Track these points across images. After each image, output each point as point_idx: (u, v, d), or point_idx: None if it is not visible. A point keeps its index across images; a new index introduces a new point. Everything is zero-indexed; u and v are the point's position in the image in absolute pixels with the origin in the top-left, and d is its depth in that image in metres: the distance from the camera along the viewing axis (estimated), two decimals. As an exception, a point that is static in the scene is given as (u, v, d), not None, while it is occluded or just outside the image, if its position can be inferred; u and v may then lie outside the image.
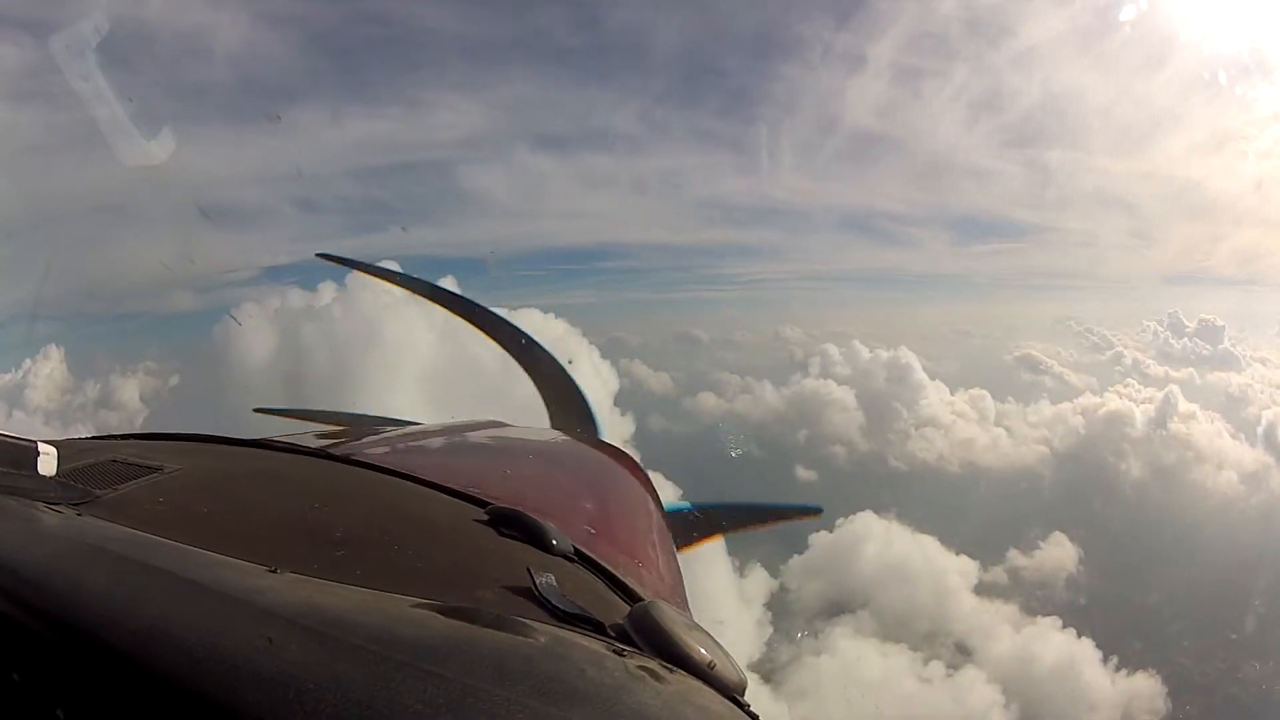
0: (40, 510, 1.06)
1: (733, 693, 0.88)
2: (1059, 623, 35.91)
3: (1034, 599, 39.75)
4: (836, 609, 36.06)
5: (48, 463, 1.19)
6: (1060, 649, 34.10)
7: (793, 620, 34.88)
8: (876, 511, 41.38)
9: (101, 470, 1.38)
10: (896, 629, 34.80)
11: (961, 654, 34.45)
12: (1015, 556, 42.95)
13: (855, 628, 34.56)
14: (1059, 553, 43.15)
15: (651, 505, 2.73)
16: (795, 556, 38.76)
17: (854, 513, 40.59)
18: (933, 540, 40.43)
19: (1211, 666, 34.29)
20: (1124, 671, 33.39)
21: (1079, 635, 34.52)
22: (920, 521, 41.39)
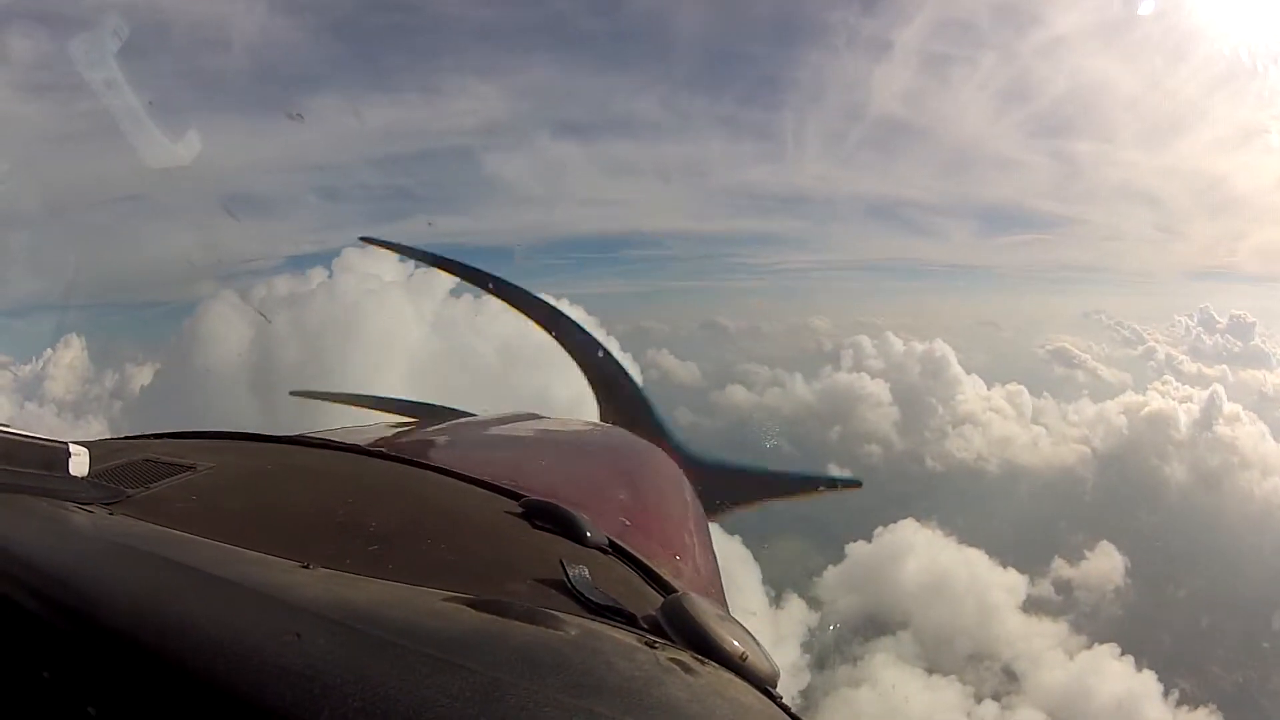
0: (71, 510, 1.07)
1: (765, 684, 0.87)
2: (1114, 649, 33.29)
3: (1083, 616, 37.24)
4: (875, 628, 33.59)
5: (79, 463, 1.18)
6: (1116, 678, 31.49)
7: (831, 654, 32.19)
8: (917, 519, 38.79)
9: (133, 469, 1.39)
10: (940, 653, 32.42)
11: (1009, 679, 31.98)
12: (1061, 566, 40.50)
13: (896, 652, 32.08)
14: (1105, 563, 40.46)
15: (688, 496, 2.69)
16: (830, 568, 36.26)
17: (892, 521, 38.06)
18: (976, 550, 37.90)
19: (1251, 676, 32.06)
20: (1185, 708, 30.71)
21: (1138, 667, 31.93)
22: (961, 530, 38.97)
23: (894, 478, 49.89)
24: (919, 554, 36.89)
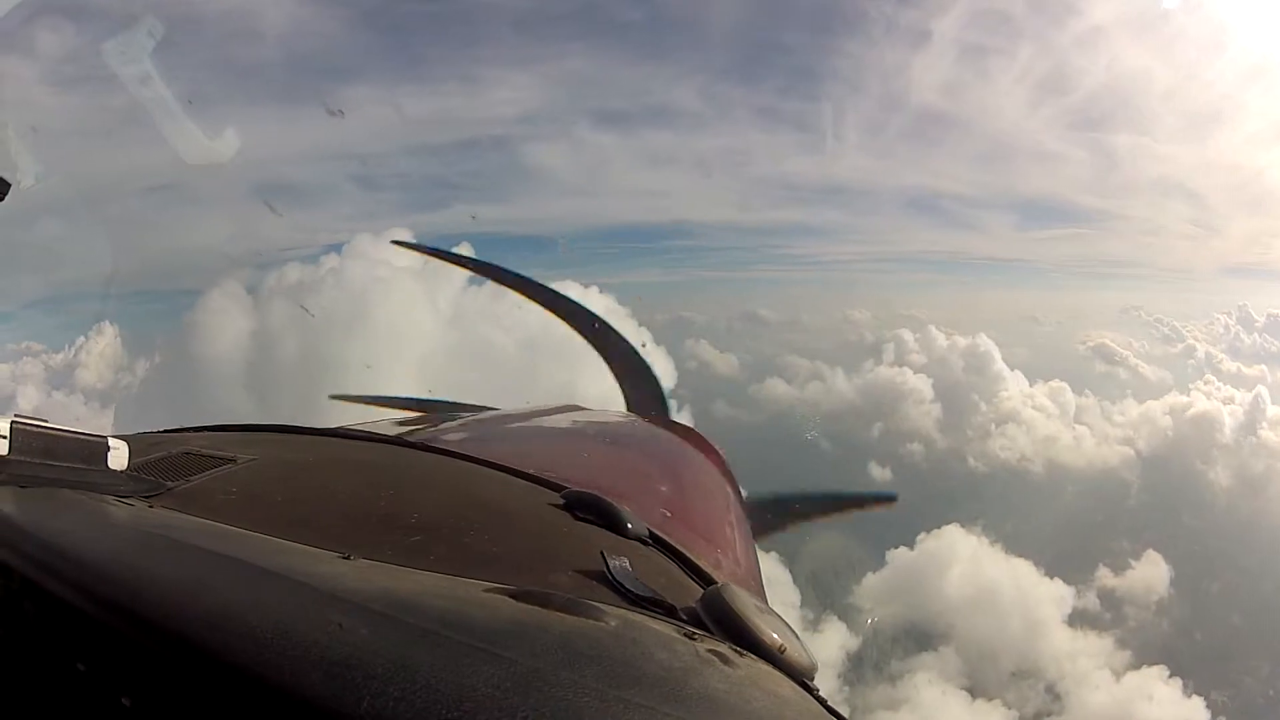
0: (110, 503, 1.09)
1: (802, 677, 0.89)
2: (1156, 665, 32.15)
3: (1128, 631, 36.00)
4: (916, 642, 32.57)
5: (118, 457, 1.19)
6: (1162, 702, 30.36)
7: (870, 672, 30.97)
8: (961, 524, 37.58)
9: (174, 462, 1.38)
10: (983, 669, 31.39)
11: (1053, 698, 31.06)
12: (1105, 575, 39.18)
13: (939, 669, 31.09)
14: (1151, 572, 39.18)
15: (729, 489, 2.68)
16: (870, 575, 35.19)
17: (936, 526, 36.91)
18: (1020, 558, 36.77)
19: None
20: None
21: (1185, 689, 30.75)
22: (1006, 535, 37.79)
23: (937, 478, 48.75)
24: (962, 561, 35.89)
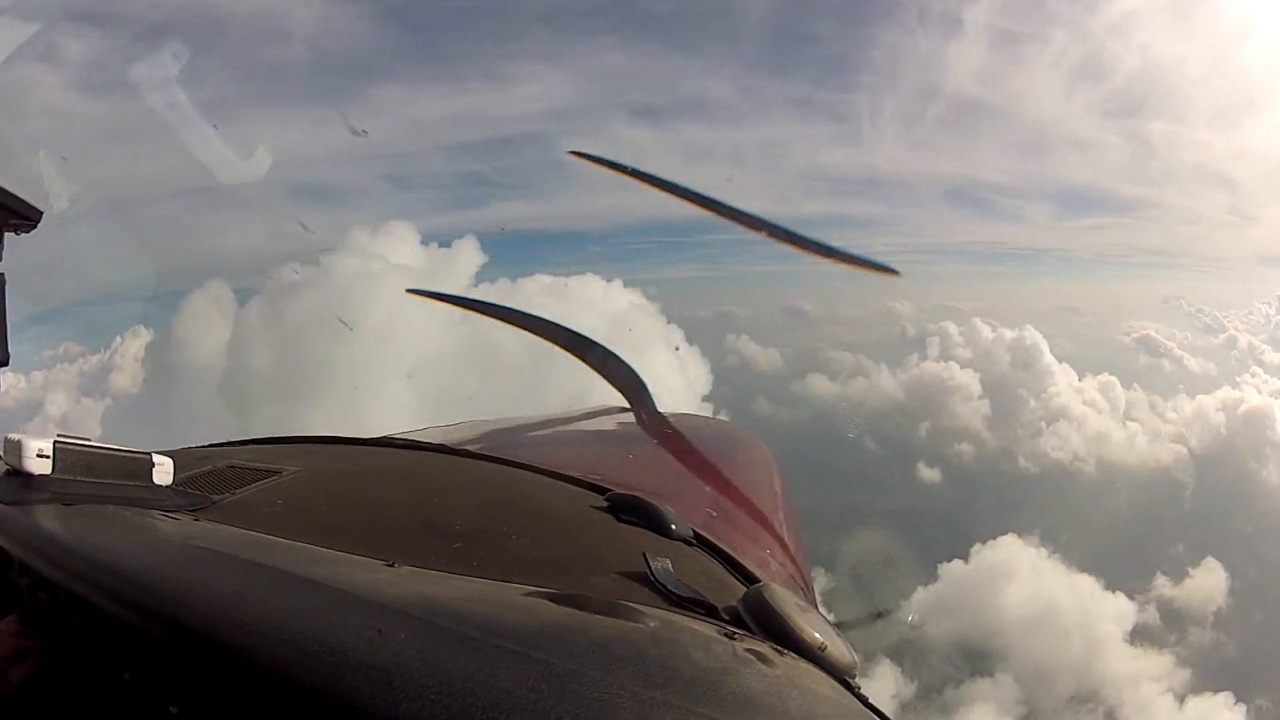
0: (155, 518, 1.10)
1: (843, 675, 0.88)
2: (1213, 683, 30.59)
3: (1189, 648, 34.32)
4: (970, 665, 31.06)
5: (163, 473, 1.20)
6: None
7: (919, 705, 29.16)
8: (1018, 534, 35.85)
9: (219, 476, 1.40)
10: (1040, 695, 30.04)
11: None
12: (1163, 585, 37.60)
13: (995, 698, 29.48)
14: (1209, 580, 37.34)
15: (777, 487, 2.63)
16: (920, 589, 33.57)
17: (991, 536, 35.33)
18: (1078, 570, 35.27)
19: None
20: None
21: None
22: (1062, 545, 36.32)
23: (988, 480, 46.99)
24: (1018, 575, 34.38)
